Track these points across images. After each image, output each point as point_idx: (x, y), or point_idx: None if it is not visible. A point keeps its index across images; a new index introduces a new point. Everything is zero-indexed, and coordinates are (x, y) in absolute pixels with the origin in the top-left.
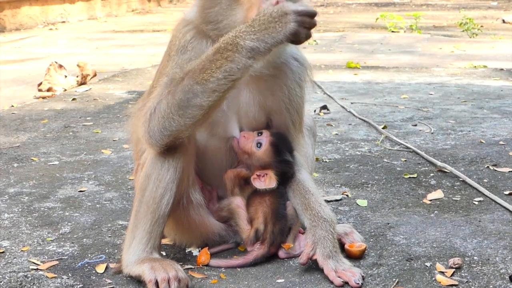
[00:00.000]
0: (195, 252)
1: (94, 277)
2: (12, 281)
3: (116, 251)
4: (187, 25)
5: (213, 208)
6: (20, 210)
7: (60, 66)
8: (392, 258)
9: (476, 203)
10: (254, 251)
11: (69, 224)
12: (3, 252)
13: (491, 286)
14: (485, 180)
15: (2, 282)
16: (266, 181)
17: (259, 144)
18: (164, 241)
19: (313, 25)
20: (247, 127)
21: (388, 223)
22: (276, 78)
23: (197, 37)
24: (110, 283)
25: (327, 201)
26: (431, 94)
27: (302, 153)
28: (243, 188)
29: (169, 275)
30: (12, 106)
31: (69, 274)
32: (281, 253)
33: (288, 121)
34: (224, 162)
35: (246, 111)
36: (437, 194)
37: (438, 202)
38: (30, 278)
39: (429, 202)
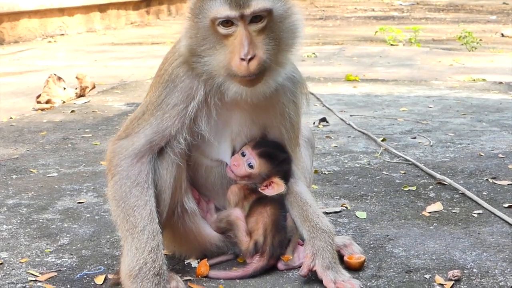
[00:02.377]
0: (194, 263)
1: None
2: None
3: (115, 262)
4: (179, 57)
5: (211, 219)
6: (18, 221)
7: (59, 78)
8: (391, 270)
9: (475, 215)
10: (254, 263)
11: (67, 235)
12: (1, 264)
13: None
14: (484, 193)
15: None
16: (275, 188)
17: (250, 164)
18: (163, 252)
19: None
20: (240, 145)
21: (387, 235)
22: (269, 98)
23: (188, 74)
24: None
25: (326, 213)
26: (430, 107)
27: (299, 166)
28: (248, 197)
29: (169, 286)
30: (11, 118)
31: (68, 286)
32: (280, 265)
33: (284, 136)
34: (218, 180)
35: (239, 131)
36: (436, 206)
37: (437, 215)
38: None
39: (428, 215)
